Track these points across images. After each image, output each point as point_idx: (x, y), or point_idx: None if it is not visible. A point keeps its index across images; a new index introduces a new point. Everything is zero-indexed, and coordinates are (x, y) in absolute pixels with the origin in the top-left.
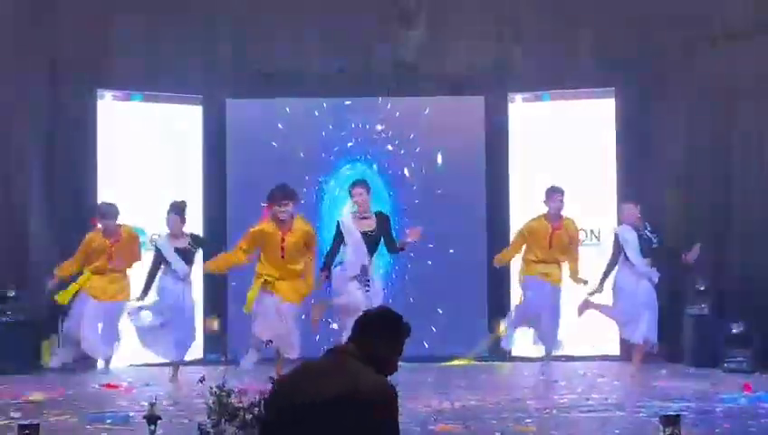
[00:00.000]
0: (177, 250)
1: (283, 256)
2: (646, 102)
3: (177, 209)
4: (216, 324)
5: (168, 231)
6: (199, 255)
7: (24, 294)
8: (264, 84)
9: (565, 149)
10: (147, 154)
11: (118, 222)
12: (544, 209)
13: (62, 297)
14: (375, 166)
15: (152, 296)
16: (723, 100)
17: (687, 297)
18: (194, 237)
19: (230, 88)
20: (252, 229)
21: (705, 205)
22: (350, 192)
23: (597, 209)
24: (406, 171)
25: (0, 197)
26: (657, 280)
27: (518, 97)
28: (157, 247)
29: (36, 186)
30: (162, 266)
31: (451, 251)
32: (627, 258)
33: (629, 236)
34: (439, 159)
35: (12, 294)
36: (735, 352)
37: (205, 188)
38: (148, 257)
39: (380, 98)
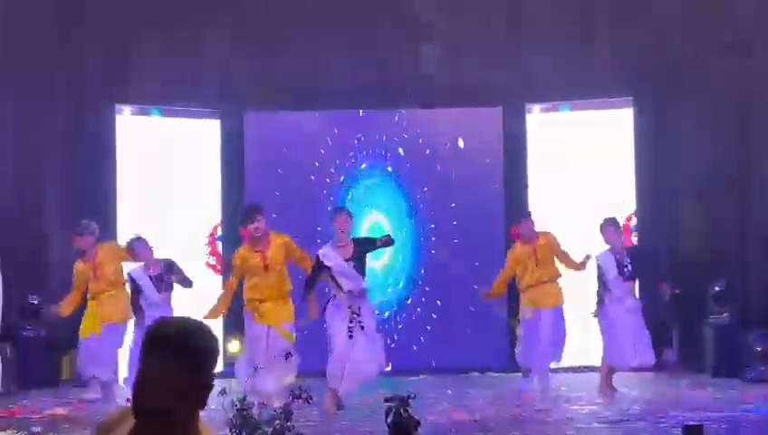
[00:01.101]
0: (151, 277)
1: (266, 271)
2: (664, 111)
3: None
4: (236, 346)
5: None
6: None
7: (45, 306)
8: (281, 98)
9: (583, 159)
10: (165, 168)
11: (95, 241)
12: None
13: (84, 334)
14: (393, 178)
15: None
16: (740, 108)
17: (708, 307)
18: (166, 264)
19: (248, 102)
20: (233, 262)
21: (724, 214)
22: (334, 219)
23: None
24: (424, 183)
25: (20, 211)
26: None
27: (536, 107)
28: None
29: (56, 200)
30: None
31: (476, 264)
32: (606, 284)
33: (606, 261)
34: (458, 169)
35: (35, 301)
36: (757, 362)
37: (223, 202)
38: None
39: (398, 110)
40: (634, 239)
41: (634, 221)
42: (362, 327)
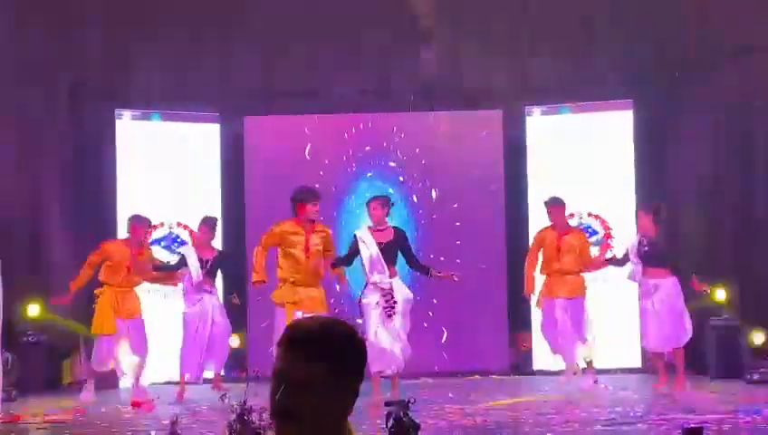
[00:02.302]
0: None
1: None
2: (664, 115)
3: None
4: (238, 342)
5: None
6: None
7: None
8: (281, 102)
9: (583, 162)
10: (165, 173)
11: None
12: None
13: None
14: (393, 182)
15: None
16: (740, 112)
17: (710, 308)
18: (221, 254)
19: (247, 106)
20: (272, 230)
21: (725, 217)
22: (367, 205)
23: (615, 221)
24: (424, 186)
25: (21, 215)
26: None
27: (536, 110)
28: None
29: (56, 204)
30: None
31: (482, 266)
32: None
33: (629, 242)
34: (458, 173)
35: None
36: (759, 363)
37: (223, 206)
38: None
39: (398, 114)
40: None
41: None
42: (390, 315)
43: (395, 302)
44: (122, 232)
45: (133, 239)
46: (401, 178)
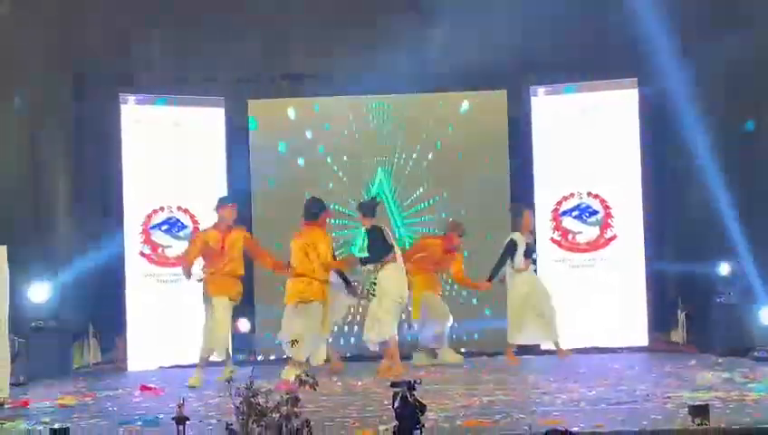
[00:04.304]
0: None
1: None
2: (668, 91)
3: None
4: (245, 325)
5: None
6: None
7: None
8: (285, 85)
9: (589, 141)
10: (171, 157)
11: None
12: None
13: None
14: (398, 162)
15: None
16: (747, 88)
17: (715, 286)
18: None
19: (252, 89)
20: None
21: (731, 193)
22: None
23: (620, 200)
24: (428, 168)
25: (27, 200)
26: None
27: (540, 90)
28: None
29: (62, 189)
30: None
31: (483, 244)
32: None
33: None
34: (462, 153)
35: (42, 293)
36: (765, 341)
37: (229, 190)
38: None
39: (403, 95)
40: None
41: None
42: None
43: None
44: (128, 215)
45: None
46: (406, 159)
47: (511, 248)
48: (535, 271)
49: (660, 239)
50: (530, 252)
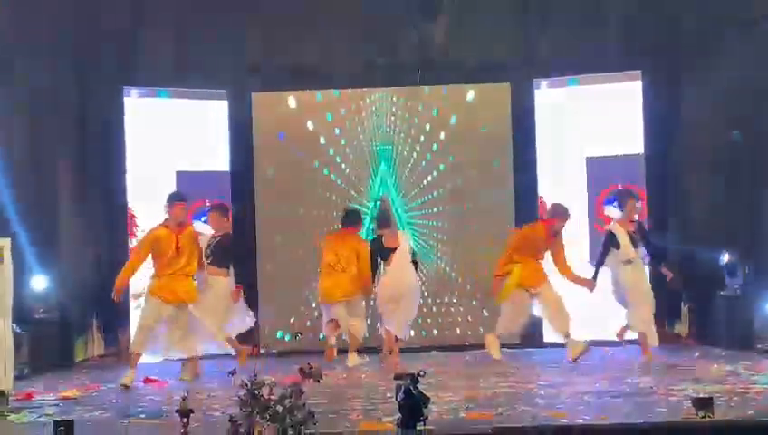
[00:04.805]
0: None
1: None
2: (673, 86)
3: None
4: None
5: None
6: None
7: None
8: (287, 78)
9: (592, 134)
10: (174, 150)
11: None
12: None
13: None
14: (401, 155)
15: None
16: (751, 83)
17: (720, 279)
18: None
19: (256, 82)
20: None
21: (735, 185)
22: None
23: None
24: (432, 160)
25: (30, 193)
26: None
27: (544, 83)
28: None
29: (65, 183)
30: None
31: (486, 240)
32: None
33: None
34: (466, 146)
35: (46, 283)
36: None
37: (232, 182)
38: None
39: (406, 87)
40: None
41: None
42: None
43: None
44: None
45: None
46: (409, 151)
47: (609, 240)
48: (645, 261)
49: (664, 232)
50: (635, 241)
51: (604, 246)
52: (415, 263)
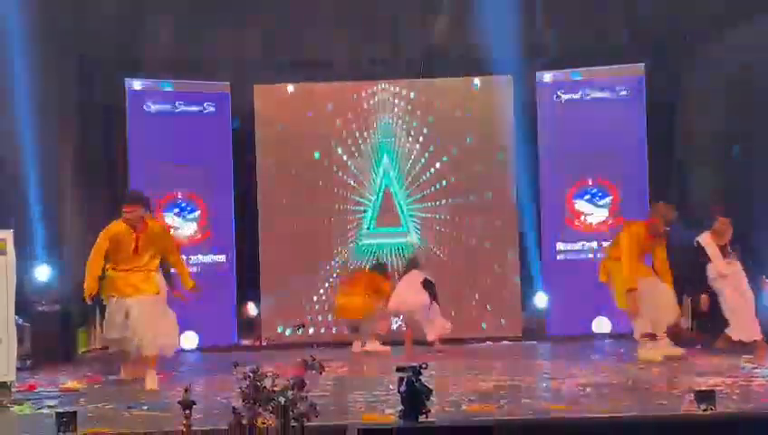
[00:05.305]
0: None
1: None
2: (677, 78)
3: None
4: (252, 309)
5: None
6: None
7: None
8: (290, 70)
9: (595, 126)
10: (176, 142)
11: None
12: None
13: None
14: (403, 148)
15: None
16: (754, 74)
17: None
18: None
19: (258, 75)
20: None
21: (738, 178)
22: None
23: (628, 187)
24: (434, 152)
25: (33, 184)
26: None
27: (547, 75)
28: None
29: (67, 174)
30: None
31: (489, 231)
32: None
33: None
34: (468, 138)
35: (48, 275)
36: None
37: (235, 174)
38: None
39: (409, 80)
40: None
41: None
42: None
43: None
44: None
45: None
46: (412, 145)
47: (700, 253)
48: (743, 268)
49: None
50: (727, 251)
51: (701, 259)
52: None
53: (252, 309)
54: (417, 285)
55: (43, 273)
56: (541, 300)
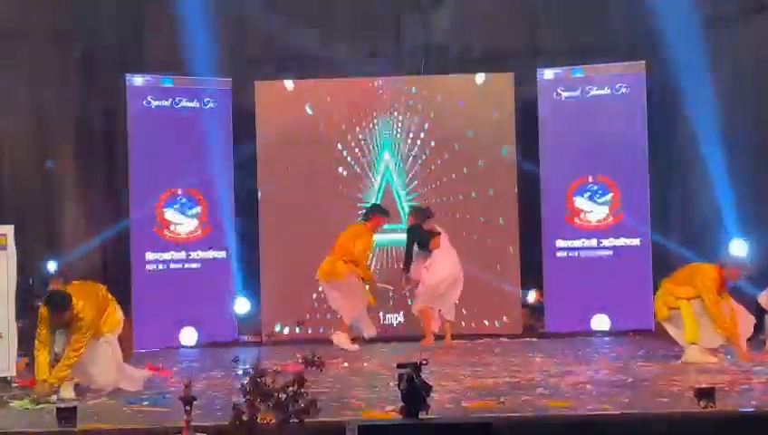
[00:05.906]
0: None
1: None
2: (678, 75)
3: None
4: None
5: None
6: None
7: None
8: (291, 67)
9: (596, 123)
10: (177, 138)
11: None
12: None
13: None
14: (404, 144)
15: None
16: (756, 71)
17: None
18: None
19: (259, 71)
20: None
21: (741, 178)
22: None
23: (628, 184)
24: (435, 150)
25: (34, 181)
26: None
27: (548, 72)
28: None
29: (68, 171)
30: None
31: (495, 228)
32: None
33: None
34: (469, 135)
35: (53, 269)
36: None
37: (236, 171)
38: None
39: (409, 77)
40: None
41: None
42: None
43: None
44: (134, 197)
45: None
46: (411, 142)
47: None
48: None
49: (666, 223)
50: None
51: None
52: None
53: (242, 305)
54: (451, 250)
55: (44, 268)
56: (536, 297)
